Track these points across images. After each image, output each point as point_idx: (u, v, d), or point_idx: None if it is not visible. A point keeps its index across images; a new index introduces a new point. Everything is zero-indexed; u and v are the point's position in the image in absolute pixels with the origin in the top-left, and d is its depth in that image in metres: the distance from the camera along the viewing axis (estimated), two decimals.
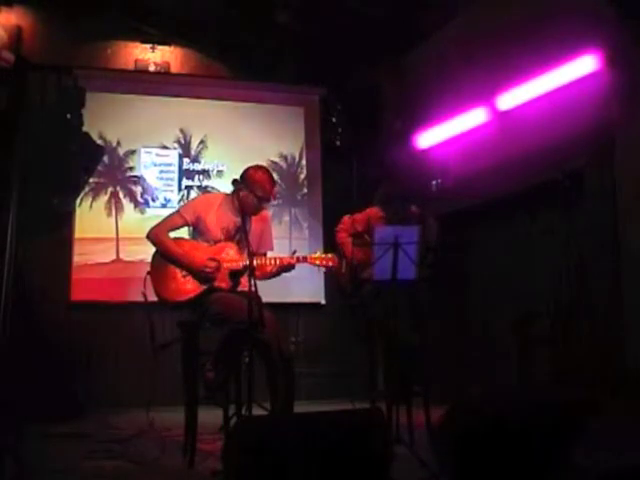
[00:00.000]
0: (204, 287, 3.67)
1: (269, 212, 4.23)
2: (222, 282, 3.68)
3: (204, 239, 3.77)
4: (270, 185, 3.82)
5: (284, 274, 3.86)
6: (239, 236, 3.74)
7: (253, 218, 3.85)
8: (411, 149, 6.45)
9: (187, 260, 3.67)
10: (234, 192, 3.81)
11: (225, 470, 2.55)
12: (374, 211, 4.62)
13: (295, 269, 3.82)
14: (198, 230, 3.81)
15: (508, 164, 5.44)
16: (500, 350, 5.55)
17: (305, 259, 3.74)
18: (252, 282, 3.25)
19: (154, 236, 3.76)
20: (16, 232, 3.21)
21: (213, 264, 3.66)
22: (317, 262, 3.75)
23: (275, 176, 7.18)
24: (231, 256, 3.71)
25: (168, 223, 3.82)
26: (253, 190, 3.75)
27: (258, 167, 3.91)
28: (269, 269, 3.78)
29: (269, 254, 3.93)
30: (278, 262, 3.73)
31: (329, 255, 3.81)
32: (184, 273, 3.68)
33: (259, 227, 3.89)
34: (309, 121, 7.48)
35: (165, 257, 3.70)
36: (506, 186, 5.56)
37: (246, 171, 3.85)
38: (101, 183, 6.76)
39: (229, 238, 3.79)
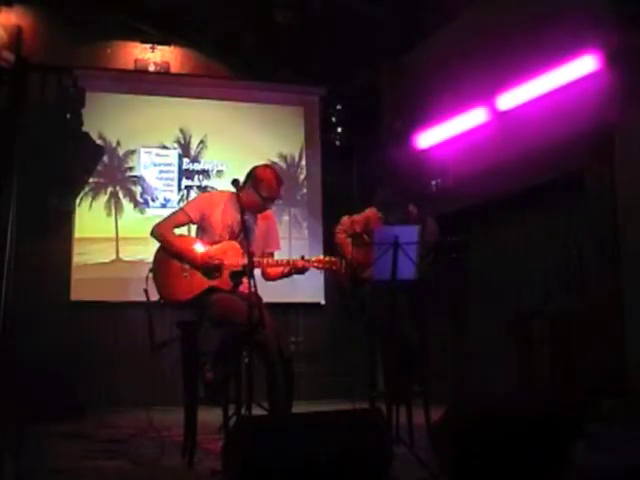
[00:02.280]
0: (205, 286, 3.66)
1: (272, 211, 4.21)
2: (223, 283, 3.67)
3: (208, 237, 3.76)
4: (277, 185, 3.79)
5: None
6: (243, 235, 3.72)
7: (258, 217, 3.83)
8: (411, 149, 6.45)
9: (192, 255, 3.66)
10: (239, 190, 3.79)
11: (225, 470, 2.55)
12: (373, 212, 4.61)
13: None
14: (202, 228, 3.80)
15: (508, 164, 5.44)
16: (500, 350, 5.55)
17: (310, 262, 3.70)
18: (252, 282, 3.25)
19: (158, 232, 3.74)
20: (16, 232, 3.21)
21: (216, 261, 3.66)
22: (320, 265, 3.71)
23: None
24: (233, 256, 3.70)
25: (172, 220, 3.80)
26: (259, 189, 3.73)
27: (266, 166, 3.90)
28: (281, 270, 3.76)
29: (276, 254, 3.91)
30: (286, 264, 3.70)
31: (332, 259, 3.76)
32: (186, 273, 3.67)
33: (264, 226, 3.87)
34: (309, 121, 7.48)
35: (169, 253, 3.69)
36: (506, 186, 5.56)
37: (254, 169, 3.83)
38: (101, 183, 6.77)
39: (233, 237, 3.77)
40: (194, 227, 3.92)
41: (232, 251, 3.70)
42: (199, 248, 3.69)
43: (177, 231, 3.83)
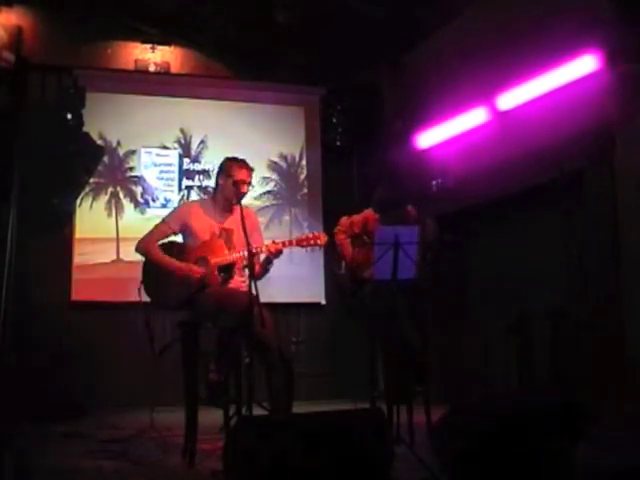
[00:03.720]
0: (196, 286, 3.68)
1: (257, 215, 4.24)
2: (213, 278, 3.70)
3: (192, 244, 3.81)
4: (244, 166, 3.87)
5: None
6: (225, 237, 3.79)
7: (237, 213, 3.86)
8: (411, 149, 6.45)
9: (175, 269, 3.68)
10: (215, 190, 3.89)
11: (225, 470, 2.55)
12: (371, 213, 4.61)
13: (295, 269, 3.82)
14: (185, 236, 3.87)
15: (508, 164, 5.44)
16: (500, 350, 5.55)
17: (291, 243, 3.72)
18: (252, 282, 3.25)
19: (144, 248, 3.81)
20: (16, 232, 3.21)
21: (199, 270, 3.66)
22: (304, 243, 3.71)
23: (275, 176, 7.29)
24: (218, 252, 3.73)
25: (156, 234, 3.86)
26: (231, 175, 3.80)
27: (232, 157, 3.98)
28: (262, 266, 3.76)
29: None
30: (265, 250, 3.70)
31: (316, 234, 3.76)
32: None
33: (248, 228, 3.88)
34: (309, 121, 7.48)
35: (155, 268, 3.74)
36: (506, 186, 5.56)
37: (223, 161, 3.96)
38: (101, 183, 6.76)
39: (215, 239, 3.82)
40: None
41: (216, 247, 3.74)
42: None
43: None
